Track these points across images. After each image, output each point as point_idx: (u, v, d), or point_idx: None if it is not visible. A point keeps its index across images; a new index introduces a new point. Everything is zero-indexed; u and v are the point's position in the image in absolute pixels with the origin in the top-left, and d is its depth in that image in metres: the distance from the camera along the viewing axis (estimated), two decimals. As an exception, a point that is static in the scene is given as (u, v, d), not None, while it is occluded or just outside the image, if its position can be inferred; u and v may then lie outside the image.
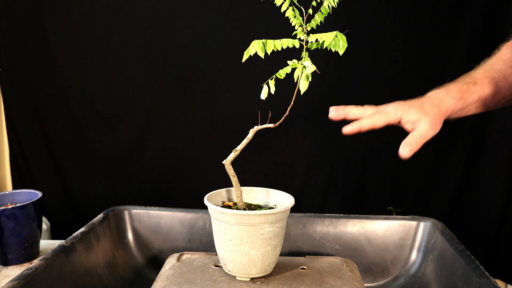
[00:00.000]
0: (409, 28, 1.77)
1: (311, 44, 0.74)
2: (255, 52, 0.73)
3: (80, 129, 1.95)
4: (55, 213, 2.02)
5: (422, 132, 0.82)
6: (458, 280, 0.84)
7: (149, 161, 1.97)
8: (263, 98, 0.76)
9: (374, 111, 0.87)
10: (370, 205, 1.92)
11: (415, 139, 0.82)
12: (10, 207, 1.02)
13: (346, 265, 0.88)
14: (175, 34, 1.84)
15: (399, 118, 0.85)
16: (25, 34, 1.88)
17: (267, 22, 1.77)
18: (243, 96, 1.84)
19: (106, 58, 1.88)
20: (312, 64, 0.72)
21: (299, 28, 0.73)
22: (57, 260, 0.83)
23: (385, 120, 0.84)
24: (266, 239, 0.76)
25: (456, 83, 0.91)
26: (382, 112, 0.85)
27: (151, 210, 1.11)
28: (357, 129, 0.85)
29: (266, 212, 0.75)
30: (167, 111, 1.92)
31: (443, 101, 0.86)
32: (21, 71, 1.92)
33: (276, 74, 0.76)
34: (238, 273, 0.79)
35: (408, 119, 0.84)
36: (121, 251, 1.05)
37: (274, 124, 0.78)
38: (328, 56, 1.77)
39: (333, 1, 0.71)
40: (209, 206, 0.78)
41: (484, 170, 1.83)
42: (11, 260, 1.04)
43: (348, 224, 1.06)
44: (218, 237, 0.79)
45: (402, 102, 0.87)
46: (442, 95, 0.88)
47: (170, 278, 0.80)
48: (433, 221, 1.04)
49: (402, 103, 0.86)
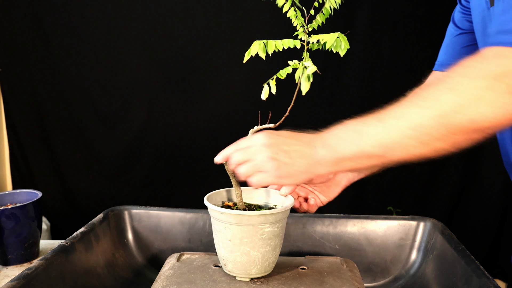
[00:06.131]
0: (410, 28, 1.77)
1: (312, 45, 0.74)
2: (256, 52, 0.73)
3: (80, 129, 1.95)
4: (55, 213, 2.02)
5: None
6: (458, 280, 0.84)
7: (149, 161, 1.97)
8: (264, 99, 0.76)
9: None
10: (370, 205, 1.92)
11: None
12: (10, 207, 1.02)
13: (346, 265, 0.88)
14: (175, 34, 1.84)
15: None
16: (25, 34, 1.88)
17: (268, 22, 1.77)
18: (243, 96, 1.84)
19: (106, 58, 1.88)
20: (313, 65, 0.72)
21: (300, 28, 0.73)
22: (57, 260, 0.83)
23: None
24: (266, 239, 0.76)
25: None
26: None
27: (151, 210, 1.11)
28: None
29: (265, 213, 0.75)
30: (167, 111, 1.92)
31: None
32: (21, 71, 1.92)
33: (277, 74, 0.76)
34: (238, 273, 0.79)
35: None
36: (121, 251, 1.05)
37: (274, 124, 0.78)
38: (328, 57, 1.76)
39: (335, 2, 0.71)
40: (208, 206, 0.78)
41: (484, 170, 1.83)
42: (11, 260, 1.04)
43: (348, 224, 1.06)
44: (218, 237, 0.79)
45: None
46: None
47: (170, 278, 0.80)
48: (433, 221, 1.04)
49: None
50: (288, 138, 0.72)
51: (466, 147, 0.63)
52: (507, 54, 0.57)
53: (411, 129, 0.62)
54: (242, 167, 0.73)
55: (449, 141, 0.61)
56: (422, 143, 0.62)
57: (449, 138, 0.60)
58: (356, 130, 0.67)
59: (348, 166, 0.69)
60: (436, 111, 0.60)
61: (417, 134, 0.61)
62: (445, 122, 0.59)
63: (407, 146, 0.63)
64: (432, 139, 0.61)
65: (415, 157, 0.64)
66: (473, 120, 0.58)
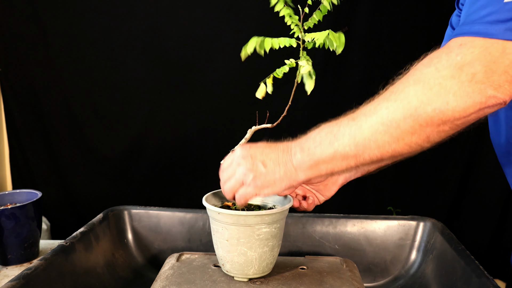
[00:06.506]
0: (410, 28, 1.77)
1: (308, 43, 0.74)
2: (254, 50, 0.73)
3: (80, 129, 1.95)
4: (55, 213, 2.02)
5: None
6: (457, 280, 0.84)
7: (149, 161, 1.97)
8: (259, 97, 0.76)
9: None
10: (370, 205, 1.92)
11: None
12: (10, 207, 1.02)
13: (346, 265, 0.88)
14: (175, 34, 1.84)
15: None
16: (25, 34, 1.88)
17: (268, 22, 1.76)
18: (243, 96, 1.84)
19: (106, 58, 1.88)
20: (308, 64, 0.72)
21: (295, 27, 0.73)
22: (56, 260, 0.83)
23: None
24: (263, 240, 0.76)
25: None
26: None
27: (150, 210, 1.11)
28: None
29: (262, 213, 0.75)
30: (167, 111, 1.92)
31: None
32: (21, 71, 1.92)
33: (274, 73, 0.75)
34: (236, 274, 0.79)
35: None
36: (121, 251, 1.05)
37: (272, 124, 0.78)
38: (328, 56, 1.76)
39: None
40: (206, 206, 0.78)
41: (484, 170, 1.83)
42: (11, 260, 1.04)
43: (347, 224, 1.06)
44: (216, 237, 0.79)
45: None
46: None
47: (169, 278, 0.80)
48: (433, 221, 1.04)
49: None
50: (264, 148, 0.73)
51: (439, 141, 0.63)
52: (469, 44, 0.57)
53: (382, 124, 0.62)
54: (226, 185, 0.75)
55: (421, 134, 0.60)
56: (395, 138, 0.61)
57: (420, 131, 0.60)
58: (330, 131, 0.67)
59: (326, 169, 0.69)
60: (403, 103, 0.60)
61: (388, 129, 0.61)
62: (413, 114, 0.59)
63: (380, 143, 0.62)
64: (403, 133, 0.61)
65: (390, 155, 0.64)
66: (440, 111, 0.57)
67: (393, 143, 0.62)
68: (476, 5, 0.60)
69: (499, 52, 0.55)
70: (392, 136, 0.61)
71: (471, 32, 0.57)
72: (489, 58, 0.55)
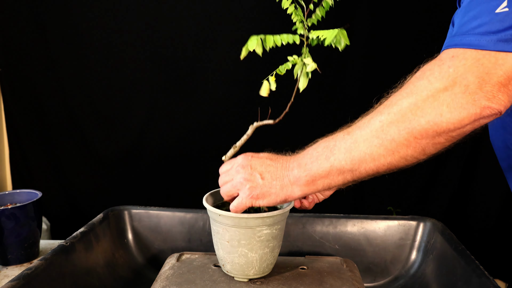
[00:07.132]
0: (411, 27, 1.77)
1: (312, 40, 0.74)
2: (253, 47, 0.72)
3: (80, 129, 1.95)
4: (55, 213, 2.02)
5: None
6: (457, 280, 0.84)
7: (149, 161, 1.96)
8: (264, 95, 0.76)
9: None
10: (370, 205, 1.92)
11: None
12: (10, 207, 1.02)
13: (346, 265, 0.88)
14: (175, 34, 1.84)
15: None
16: (25, 34, 1.88)
17: (268, 21, 1.77)
18: (243, 95, 1.84)
19: (106, 58, 1.88)
20: (313, 62, 0.72)
21: (299, 24, 0.73)
22: (57, 260, 0.83)
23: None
24: (264, 241, 0.76)
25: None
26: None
27: (151, 210, 1.11)
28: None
29: (263, 215, 0.75)
30: (167, 111, 1.92)
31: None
32: (21, 71, 1.92)
33: (276, 70, 0.75)
34: (236, 274, 0.79)
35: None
36: (121, 251, 1.05)
37: (274, 121, 0.78)
38: (329, 53, 1.76)
39: None
40: (207, 208, 0.78)
41: (484, 170, 1.83)
42: (11, 260, 1.04)
43: (348, 224, 1.06)
44: (216, 238, 0.79)
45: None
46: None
47: (169, 278, 0.80)
48: (433, 221, 1.04)
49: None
50: (265, 159, 0.74)
51: (435, 153, 0.63)
52: (461, 56, 0.57)
53: (377, 138, 0.62)
54: (223, 187, 0.77)
55: (416, 146, 0.61)
56: (390, 151, 0.62)
57: (415, 144, 0.60)
58: (327, 146, 0.68)
59: (323, 185, 0.69)
60: (397, 116, 0.60)
61: (383, 142, 0.62)
62: (408, 127, 0.59)
63: (376, 156, 0.63)
64: (398, 146, 0.61)
65: (386, 168, 0.64)
66: (434, 123, 0.58)
67: (389, 156, 0.62)
68: (468, 15, 0.60)
69: (492, 63, 0.55)
70: (387, 149, 0.62)
71: (462, 44, 0.58)
72: (482, 69, 0.56)
